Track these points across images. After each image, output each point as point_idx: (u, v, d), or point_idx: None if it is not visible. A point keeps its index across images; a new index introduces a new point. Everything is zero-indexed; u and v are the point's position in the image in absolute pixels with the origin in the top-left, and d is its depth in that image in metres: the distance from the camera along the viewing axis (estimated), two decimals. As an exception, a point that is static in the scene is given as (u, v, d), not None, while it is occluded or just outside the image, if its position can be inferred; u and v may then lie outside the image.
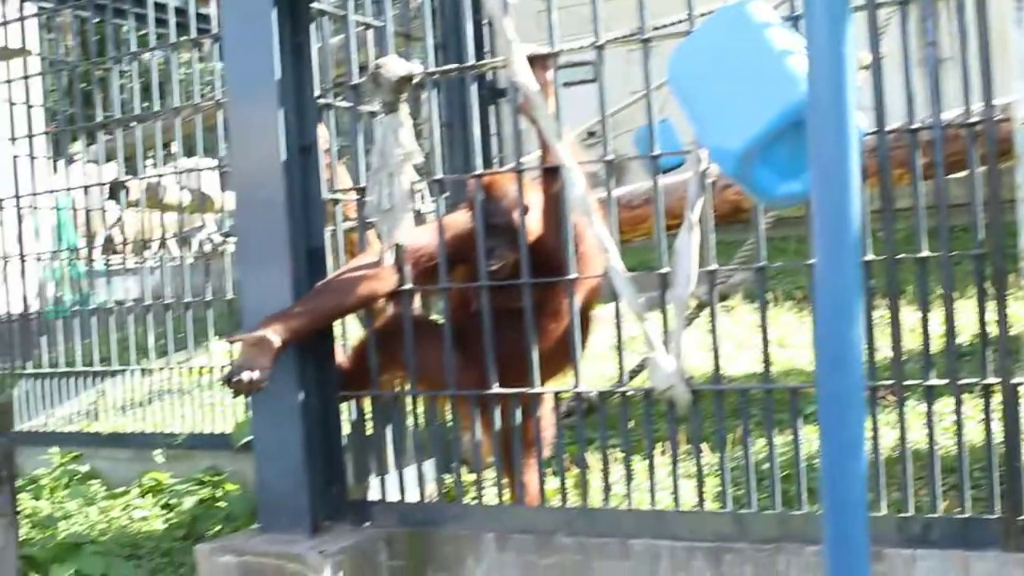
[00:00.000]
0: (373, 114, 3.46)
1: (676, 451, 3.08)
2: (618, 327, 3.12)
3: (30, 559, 3.94)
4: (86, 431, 5.59)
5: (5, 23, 5.84)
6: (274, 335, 3.15)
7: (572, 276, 3.12)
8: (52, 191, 6.07)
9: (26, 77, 5.91)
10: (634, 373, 4.37)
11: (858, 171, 1.42)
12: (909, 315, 3.62)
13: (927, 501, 2.83)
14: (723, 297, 6.94)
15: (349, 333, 3.62)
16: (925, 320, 2.79)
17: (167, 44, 5.65)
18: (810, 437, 3.96)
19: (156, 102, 5.45)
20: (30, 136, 5.92)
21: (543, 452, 3.32)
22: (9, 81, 5.83)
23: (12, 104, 5.87)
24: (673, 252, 2.89)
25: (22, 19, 5.84)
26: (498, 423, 3.30)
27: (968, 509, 2.76)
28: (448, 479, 3.84)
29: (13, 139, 5.67)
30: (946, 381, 2.77)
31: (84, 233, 6.39)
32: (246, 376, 3.11)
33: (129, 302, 5.69)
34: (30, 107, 5.97)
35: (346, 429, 3.52)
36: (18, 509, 3.96)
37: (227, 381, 3.16)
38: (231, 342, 3.60)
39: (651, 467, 3.12)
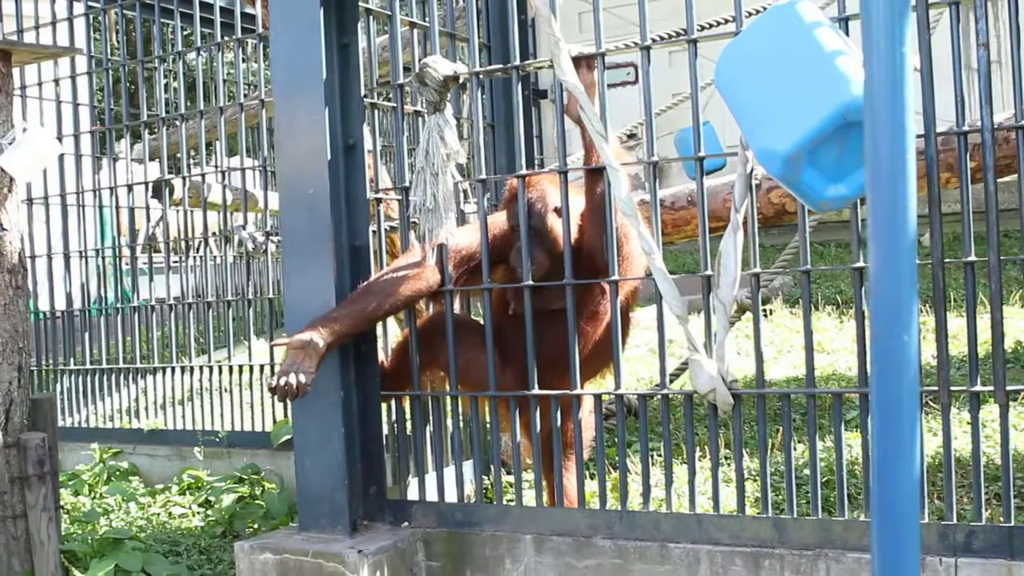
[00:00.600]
0: (418, 114, 3.47)
1: (716, 455, 3.06)
2: (660, 329, 3.10)
3: (71, 554, 3.97)
4: (127, 428, 5.62)
5: (54, 22, 5.91)
6: (319, 338, 3.14)
7: (614, 278, 3.11)
8: (97, 189, 6.12)
9: (73, 76, 5.97)
10: (675, 376, 4.36)
11: (914, 173, 1.40)
12: (952, 320, 3.59)
13: (970, 509, 2.79)
14: (763, 301, 6.91)
15: (390, 333, 3.62)
16: (972, 325, 2.76)
17: (212, 43, 5.70)
18: (851, 443, 3.94)
19: (200, 101, 5.47)
20: (76, 134, 5.99)
21: (583, 454, 3.30)
22: (57, 80, 5.89)
23: (60, 102, 5.93)
24: (719, 254, 2.87)
25: (71, 18, 5.90)
26: (538, 425, 3.29)
27: (1012, 518, 2.72)
28: (487, 480, 3.84)
29: (60, 137, 5.73)
30: (991, 388, 2.74)
31: (128, 231, 6.43)
32: (293, 380, 3.09)
33: (171, 300, 5.72)
34: (77, 105, 6.03)
35: (386, 429, 3.53)
36: (60, 504, 4.00)
37: (272, 388, 3.13)
38: (275, 346, 3.60)
39: (691, 471, 3.10)
